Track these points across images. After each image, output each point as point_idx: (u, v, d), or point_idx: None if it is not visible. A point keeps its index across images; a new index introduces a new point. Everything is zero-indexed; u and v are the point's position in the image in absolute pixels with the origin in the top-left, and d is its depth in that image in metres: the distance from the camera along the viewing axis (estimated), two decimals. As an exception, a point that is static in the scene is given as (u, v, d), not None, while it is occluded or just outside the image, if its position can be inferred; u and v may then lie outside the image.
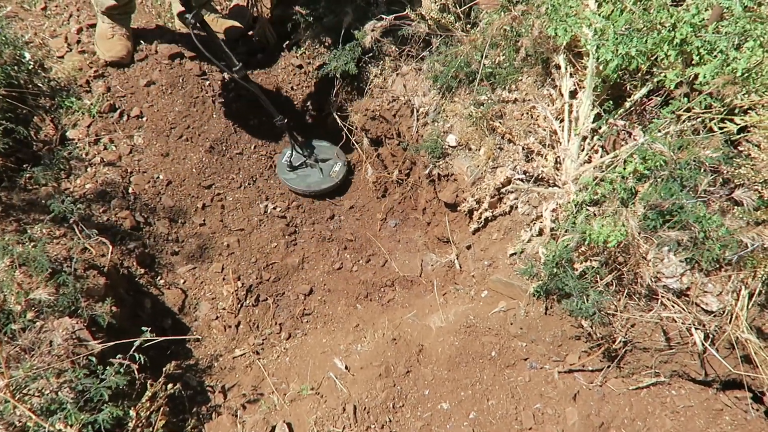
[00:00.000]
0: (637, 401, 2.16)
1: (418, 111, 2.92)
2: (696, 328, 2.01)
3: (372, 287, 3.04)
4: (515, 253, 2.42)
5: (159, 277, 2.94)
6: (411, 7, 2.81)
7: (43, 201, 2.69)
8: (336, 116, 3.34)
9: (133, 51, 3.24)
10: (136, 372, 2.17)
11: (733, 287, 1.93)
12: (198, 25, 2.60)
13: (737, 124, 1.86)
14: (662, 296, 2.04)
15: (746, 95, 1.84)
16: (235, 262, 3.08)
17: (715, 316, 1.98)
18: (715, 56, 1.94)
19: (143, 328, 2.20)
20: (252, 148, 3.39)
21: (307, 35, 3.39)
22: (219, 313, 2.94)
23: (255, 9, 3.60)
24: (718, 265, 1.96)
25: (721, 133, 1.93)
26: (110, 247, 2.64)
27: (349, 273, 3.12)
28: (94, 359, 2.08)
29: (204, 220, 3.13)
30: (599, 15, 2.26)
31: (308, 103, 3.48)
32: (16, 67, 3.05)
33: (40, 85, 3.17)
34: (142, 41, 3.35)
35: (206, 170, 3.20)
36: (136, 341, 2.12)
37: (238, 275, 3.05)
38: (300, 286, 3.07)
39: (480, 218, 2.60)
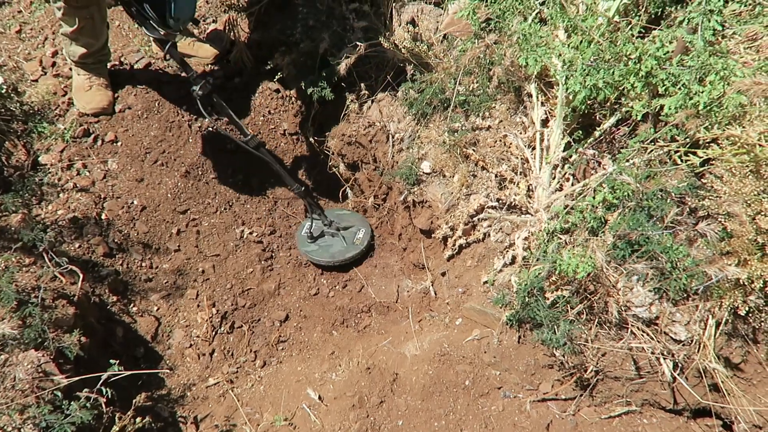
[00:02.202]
0: (609, 430, 2.16)
1: (393, 137, 2.94)
2: (665, 358, 2.02)
3: (348, 313, 3.02)
4: (488, 281, 2.42)
5: (132, 305, 2.90)
6: (384, 35, 2.83)
7: (13, 228, 2.65)
8: (313, 141, 3.34)
9: (114, 100, 3.19)
10: (103, 405, 2.14)
11: (700, 317, 1.95)
12: (206, 96, 2.51)
13: (700, 157, 1.89)
14: (632, 325, 2.05)
15: (708, 128, 1.88)
16: (210, 289, 3.05)
17: (683, 345, 2.00)
18: (680, 89, 1.98)
19: (112, 360, 2.17)
20: (229, 172, 3.37)
21: (285, 60, 3.39)
22: (193, 340, 2.90)
23: (233, 33, 3.60)
24: (685, 295, 1.97)
25: (685, 165, 1.96)
26: (81, 275, 2.59)
27: (325, 299, 3.11)
28: (59, 394, 2.04)
29: (179, 246, 3.10)
30: (568, 46, 2.29)
31: (285, 128, 3.48)
32: (-12, 92, 3.03)
33: (13, 109, 3.13)
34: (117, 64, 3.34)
35: (182, 195, 3.18)
36: (103, 375, 2.09)
37: (213, 302, 3.02)
38: (276, 312, 3.05)
39: (454, 245, 2.60)
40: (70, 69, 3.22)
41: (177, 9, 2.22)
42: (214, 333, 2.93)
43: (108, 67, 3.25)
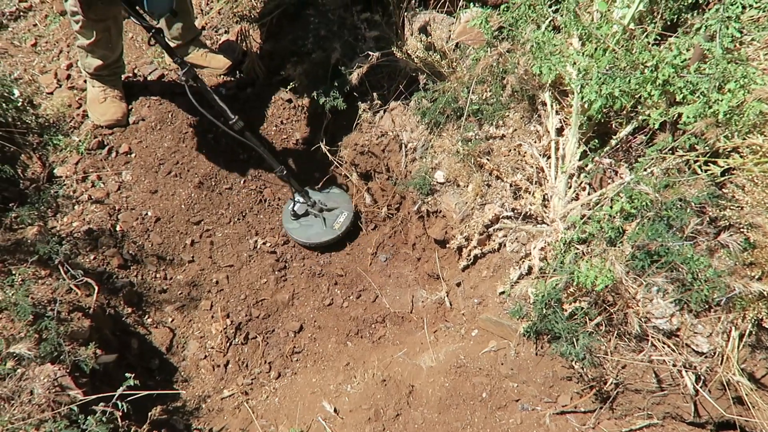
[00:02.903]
0: (630, 444, 2.13)
1: (406, 146, 2.93)
2: (687, 370, 1.98)
3: (363, 324, 3.00)
4: (504, 292, 2.40)
5: (146, 316, 2.91)
6: (396, 45, 2.82)
7: (29, 241, 2.67)
8: (326, 150, 3.33)
9: (128, 112, 3.21)
10: (119, 419, 2.14)
11: (722, 328, 1.92)
12: (190, 80, 2.56)
13: (720, 167, 1.86)
14: (652, 337, 2.02)
15: (729, 137, 1.85)
16: (224, 299, 3.05)
17: (705, 357, 1.96)
18: (698, 97, 1.95)
19: (127, 374, 2.17)
20: (242, 182, 3.38)
21: (297, 70, 3.39)
22: (207, 351, 2.90)
23: (245, 44, 3.62)
24: (707, 306, 1.94)
25: (705, 174, 1.93)
26: (96, 288, 2.60)
27: (339, 309, 3.09)
28: (75, 408, 2.05)
29: (193, 257, 3.10)
30: (582, 54, 2.27)
31: (297, 138, 3.48)
32: (4, 104, 3.05)
33: (29, 122, 3.17)
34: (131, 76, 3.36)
35: (195, 206, 3.18)
36: (120, 390, 2.09)
37: (227, 312, 3.01)
38: (290, 322, 3.04)
39: (469, 255, 2.58)
40: (85, 81, 3.24)
41: (149, 4, 2.26)
42: (228, 344, 2.92)
43: (122, 79, 3.27)
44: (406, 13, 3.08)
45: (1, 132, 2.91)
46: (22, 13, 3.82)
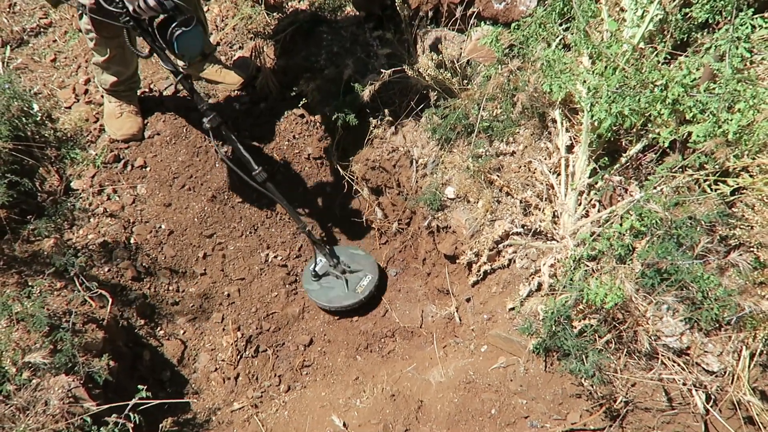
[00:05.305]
0: (640, 463, 2.11)
1: (417, 162, 2.96)
2: (697, 389, 1.97)
3: (372, 338, 3.02)
4: (514, 308, 2.40)
5: (159, 328, 2.94)
6: (408, 62, 2.86)
7: (46, 253, 2.72)
8: (337, 165, 3.37)
9: (143, 126, 3.27)
10: (131, 431, 2.16)
11: (733, 348, 1.91)
12: (215, 128, 2.46)
13: (730, 186, 1.87)
14: (662, 355, 2.01)
15: (738, 156, 1.85)
16: (236, 312, 3.08)
17: (716, 376, 1.95)
18: (708, 116, 1.96)
19: (139, 386, 2.20)
20: (254, 196, 3.41)
21: (309, 86, 3.45)
22: (218, 364, 2.92)
23: (259, 60, 3.68)
24: (717, 325, 1.94)
25: (714, 193, 1.93)
26: (110, 300, 2.64)
27: (349, 323, 3.11)
28: (88, 419, 2.07)
29: (205, 270, 3.14)
30: (593, 72, 2.29)
31: (309, 152, 3.52)
32: (23, 119, 3.12)
33: (47, 136, 3.23)
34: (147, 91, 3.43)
35: (208, 219, 3.23)
36: (133, 401, 2.12)
37: (238, 325, 3.04)
38: (300, 336, 3.06)
39: (479, 271, 2.59)
40: (102, 96, 3.31)
41: (180, 47, 2.17)
42: (239, 357, 2.95)
43: (138, 94, 3.34)
44: (417, 31, 3.12)
45: (21, 146, 2.98)
46: (42, 29, 3.92)
